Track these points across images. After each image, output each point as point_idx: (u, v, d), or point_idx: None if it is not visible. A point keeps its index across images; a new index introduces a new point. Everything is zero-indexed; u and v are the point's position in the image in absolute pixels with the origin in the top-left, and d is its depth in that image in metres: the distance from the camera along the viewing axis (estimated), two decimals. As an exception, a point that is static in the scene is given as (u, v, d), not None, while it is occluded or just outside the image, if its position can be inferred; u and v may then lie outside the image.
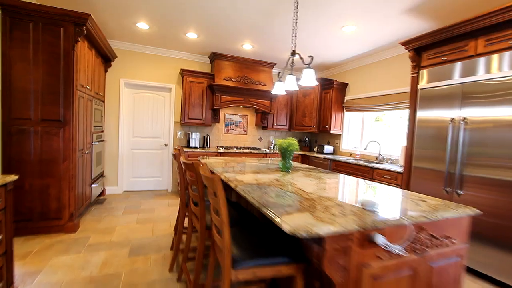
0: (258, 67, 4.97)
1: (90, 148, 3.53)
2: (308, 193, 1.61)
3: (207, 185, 1.33)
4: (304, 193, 1.59)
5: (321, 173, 2.48)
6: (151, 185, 4.92)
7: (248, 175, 2.14)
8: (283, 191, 1.62)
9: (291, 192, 1.60)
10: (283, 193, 1.56)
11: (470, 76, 2.46)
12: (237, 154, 4.73)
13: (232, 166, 2.62)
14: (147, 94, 4.77)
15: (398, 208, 1.37)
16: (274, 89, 2.75)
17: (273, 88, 2.76)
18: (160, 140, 4.91)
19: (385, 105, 4.10)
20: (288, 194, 1.55)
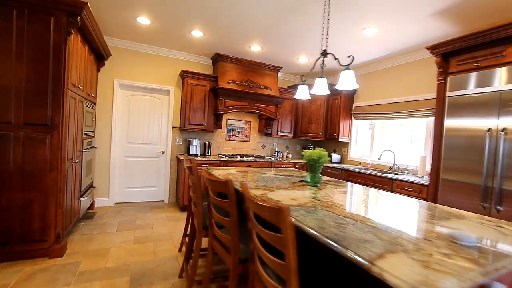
0: (263, 71, 4.70)
1: (80, 157, 3.09)
2: (368, 218, 1.32)
3: (259, 213, 1.01)
4: (365, 219, 1.30)
5: (352, 188, 2.20)
6: (146, 196, 4.48)
7: (278, 191, 1.83)
8: (337, 215, 1.33)
9: (348, 218, 1.30)
10: (340, 219, 1.26)
11: (510, 84, 2.29)
12: (242, 163, 4.41)
13: (250, 179, 2.30)
14: (143, 96, 4.37)
15: (486, 239, 1.10)
16: (297, 93, 2.47)
17: (297, 92, 2.49)
18: (157, 147, 4.51)
19: (399, 113, 3.92)
20: (346, 220, 1.26)
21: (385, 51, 3.75)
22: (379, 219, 1.34)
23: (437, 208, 1.66)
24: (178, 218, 3.71)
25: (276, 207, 0.87)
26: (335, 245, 0.95)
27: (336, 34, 3.27)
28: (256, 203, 0.99)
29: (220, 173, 2.62)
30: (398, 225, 1.25)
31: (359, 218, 1.31)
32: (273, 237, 0.93)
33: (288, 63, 4.69)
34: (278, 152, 5.28)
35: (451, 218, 1.43)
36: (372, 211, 1.48)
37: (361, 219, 1.30)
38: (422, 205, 1.72)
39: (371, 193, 2.02)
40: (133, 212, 3.89)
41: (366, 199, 1.78)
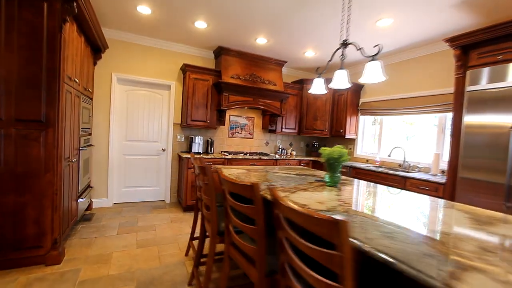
0: (268, 65, 4.53)
1: (77, 155, 2.89)
2: (410, 225, 1.18)
3: (304, 224, 0.85)
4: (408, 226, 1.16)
5: (373, 188, 2.06)
6: (146, 196, 4.29)
7: (299, 193, 1.68)
8: (376, 222, 1.18)
9: (389, 225, 1.16)
10: (382, 227, 1.12)
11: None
12: (246, 161, 4.24)
13: (264, 179, 2.14)
14: (142, 91, 4.16)
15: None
16: (312, 87, 2.31)
17: (312, 86, 2.32)
18: (157, 145, 4.31)
19: (410, 109, 3.80)
20: (388, 228, 1.11)
21: (397, 44, 3.61)
22: (421, 225, 1.20)
23: (472, 210, 1.53)
24: (182, 219, 3.54)
25: (332, 221, 0.72)
26: (397, 263, 0.80)
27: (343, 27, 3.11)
28: (300, 213, 0.83)
29: (231, 172, 2.46)
30: (446, 232, 1.11)
31: (401, 225, 1.16)
32: (324, 255, 0.78)
33: (294, 57, 4.51)
34: (282, 150, 5.13)
35: (496, 223, 1.30)
36: (409, 216, 1.34)
37: (405, 226, 1.15)
38: (451, 206, 1.59)
39: (395, 194, 1.88)
40: (134, 213, 3.71)
41: (394, 201, 1.64)
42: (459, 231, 1.15)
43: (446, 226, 1.22)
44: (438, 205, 1.62)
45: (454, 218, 1.35)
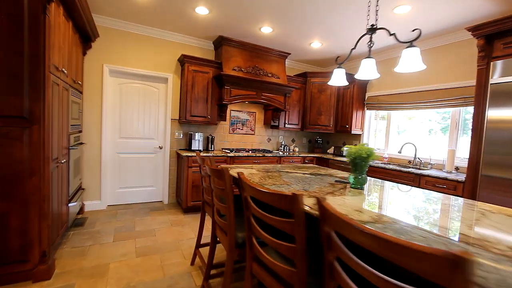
0: (270, 57, 4.28)
1: (67, 155, 2.60)
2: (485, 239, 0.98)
3: (383, 253, 0.64)
4: (486, 243, 0.96)
5: (398, 189, 1.88)
6: (142, 197, 4.02)
7: (328, 199, 1.46)
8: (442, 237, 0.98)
9: (464, 241, 0.96)
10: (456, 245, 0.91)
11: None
12: (249, 159, 4.02)
13: (282, 181, 1.93)
14: (137, 85, 3.85)
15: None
16: (333, 79, 2.09)
17: (332, 78, 2.10)
18: (154, 142, 4.03)
19: (421, 103, 3.64)
20: (463, 246, 0.91)
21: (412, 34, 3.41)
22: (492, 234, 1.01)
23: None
24: (183, 222, 3.30)
25: (449, 257, 0.50)
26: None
27: (354, 15, 2.90)
28: (391, 242, 0.61)
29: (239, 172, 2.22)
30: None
31: (476, 242, 0.97)
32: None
33: (298, 49, 4.28)
34: (284, 146, 4.92)
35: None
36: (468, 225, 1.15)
37: (480, 243, 0.96)
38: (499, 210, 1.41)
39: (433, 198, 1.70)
40: (130, 216, 3.44)
41: (440, 206, 1.45)
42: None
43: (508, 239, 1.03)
44: (481, 208, 1.44)
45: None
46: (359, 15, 2.95)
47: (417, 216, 1.26)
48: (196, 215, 3.59)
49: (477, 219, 1.25)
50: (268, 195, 1.04)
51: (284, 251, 1.03)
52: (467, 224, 1.17)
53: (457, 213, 1.35)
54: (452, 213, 1.35)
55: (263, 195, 1.07)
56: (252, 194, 1.17)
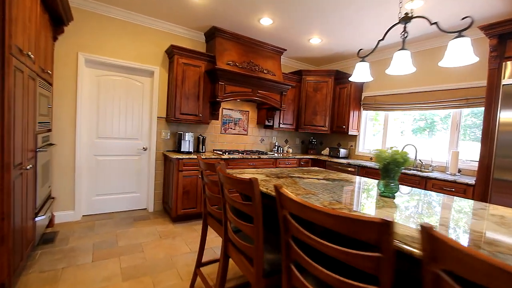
0: (266, 52, 4.01)
1: (33, 159, 2.14)
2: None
3: None
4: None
5: (427, 197, 1.70)
6: (124, 205, 3.56)
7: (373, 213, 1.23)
8: None
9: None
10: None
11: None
12: (245, 161, 3.72)
13: (301, 190, 1.67)
14: (118, 78, 3.39)
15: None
16: (355, 74, 1.87)
17: (354, 73, 1.88)
18: (137, 143, 3.59)
19: (420, 104, 3.58)
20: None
21: (418, 32, 3.31)
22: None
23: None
24: (174, 234, 2.93)
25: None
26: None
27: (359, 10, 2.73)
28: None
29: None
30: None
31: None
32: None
33: (296, 45, 4.05)
34: (278, 147, 4.68)
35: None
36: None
37: None
38: None
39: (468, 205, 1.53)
40: (110, 227, 3.00)
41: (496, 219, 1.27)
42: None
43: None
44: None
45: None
46: (364, 12, 2.77)
47: (476, 231, 1.05)
48: (188, 225, 3.22)
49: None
50: (335, 219, 0.77)
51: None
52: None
53: (490, 220, 1.17)
54: (487, 220, 1.17)
55: (325, 218, 0.80)
56: (302, 215, 0.89)
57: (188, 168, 3.24)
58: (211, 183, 1.81)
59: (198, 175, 3.33)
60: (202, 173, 1.92)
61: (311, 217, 0.86)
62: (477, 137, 3.20)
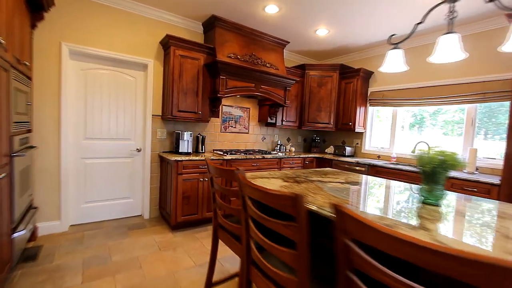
0: (268, 44, 3.74)
1: (8, 166, 1.81)
2: None
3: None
4: None
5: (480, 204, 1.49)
6: (116, 212, 3.24)
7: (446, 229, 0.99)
8: None
9: None
10: None
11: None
12: (248, 162, 3.46)
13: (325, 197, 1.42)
14: (107, 71, 3.05)
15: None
16: (386, 63, 1.63)
17: (385, 61, 1.64)
18: (130, 143, 3.26)
19: (432, 99, 3.40)
20: None
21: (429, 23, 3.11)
22: None
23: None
24: (174, 244, 2.64)
25: None
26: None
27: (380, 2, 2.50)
28: None
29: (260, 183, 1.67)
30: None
31: None
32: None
33: (301, 36, 3.80)
34: (280, 145, 4.44)
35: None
36: None
37: None
38: None
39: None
40: (102, 239, 2.68)
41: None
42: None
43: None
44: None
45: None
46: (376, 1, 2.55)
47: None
48: (188, 233, 2.94)
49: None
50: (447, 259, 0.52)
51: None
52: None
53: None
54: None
55: (432, 257, 0.55)
56: (378, 244, 0.64)
57: (188, 171, 2.95)
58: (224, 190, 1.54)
59: (200, 178, 3.04)
60: (212, 179, 1.65)
61: (392, 249, 0.60)
62: (498, 133, 3.04)
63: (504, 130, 2.95)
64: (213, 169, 1.56)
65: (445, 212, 1.26)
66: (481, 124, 3.15)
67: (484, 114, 3.13)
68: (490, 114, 3.09)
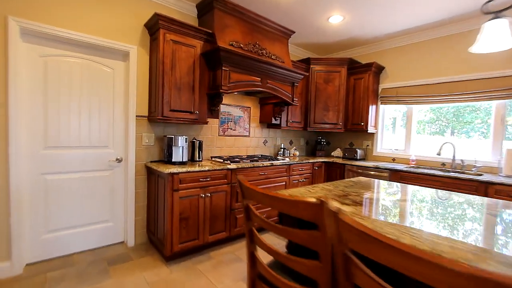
0: (272, 34, 3.23)
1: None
2: None
3: None
4: None
5: None
6: (92, 240, 2.52)
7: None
8: None
9: None
10: None
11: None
12: (255, 171, 2.91)
13: (443, 227, 0.94)
14: (76, 60, 2.35)
15: None
16: (481, 39, 1.19)
17: (479, 38, 1.20)
18: (108, 152, 2.57)
19: (454, 96, 3.09)
20: None
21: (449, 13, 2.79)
22: None
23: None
24: (173, 285, 2.01)
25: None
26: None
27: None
28: None
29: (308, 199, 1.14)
30: None
31: None
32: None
33: (308, 25, 3.34)
34: (283, 150, 3.94)
35: None
36: None
37: None
38: None
39: None
40: (73, 283, 1.98)
41: None
42: None
43: None
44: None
45: None
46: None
47: None
48: (188, 264, 2.32)
49: None
50: None
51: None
52: None
53: None
54: None
55: None
56: None
57: (187, 186, 2.34)
58: (289, 234, 0.99)
59: (201, 194, 2.44)
60: (247, 209, 1.09)
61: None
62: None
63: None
64: (254, 194, 1.00)
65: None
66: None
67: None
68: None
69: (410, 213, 1.21)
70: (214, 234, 2.58)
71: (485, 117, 3.09)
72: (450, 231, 1.00)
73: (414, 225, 1.04)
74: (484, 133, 3.08)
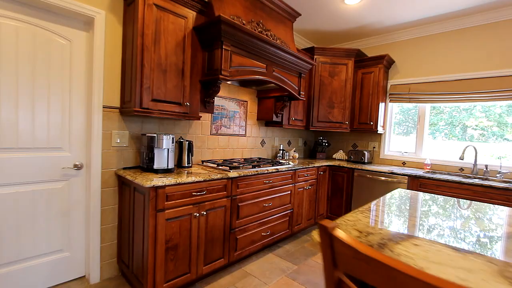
0: (277, 14, 2.69)
1: None
2: None
3: None
4: None
5: None
6: (39, 279, 1.80)
7: None
8: None
9: None
10: None
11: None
12: (259, 179, 2.36)
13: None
14: (16, 24, 1.62)
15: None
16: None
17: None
18: (62, 156, 1.86)
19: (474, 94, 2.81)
20: None
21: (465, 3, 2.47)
22: None
23: None
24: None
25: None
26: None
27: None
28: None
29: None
30: None
31: None
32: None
33: (318, 7, 2.85)
34: (282, 152, 3.43)
35: None
36: None
37: None
38: None
39: None
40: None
41: None
42: None
43: None
44: None
45: None
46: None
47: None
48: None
49: None
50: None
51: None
52: None
53: None
54: None
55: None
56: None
57: (176, 203, 1.73)
58: None
59: (194, 212, 1.84)
60: (341, 284, 0.54)
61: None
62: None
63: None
64: (392, 274, 0.45)
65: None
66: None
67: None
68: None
69: None
70: (210, 264, 1.99)
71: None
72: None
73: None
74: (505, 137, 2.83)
